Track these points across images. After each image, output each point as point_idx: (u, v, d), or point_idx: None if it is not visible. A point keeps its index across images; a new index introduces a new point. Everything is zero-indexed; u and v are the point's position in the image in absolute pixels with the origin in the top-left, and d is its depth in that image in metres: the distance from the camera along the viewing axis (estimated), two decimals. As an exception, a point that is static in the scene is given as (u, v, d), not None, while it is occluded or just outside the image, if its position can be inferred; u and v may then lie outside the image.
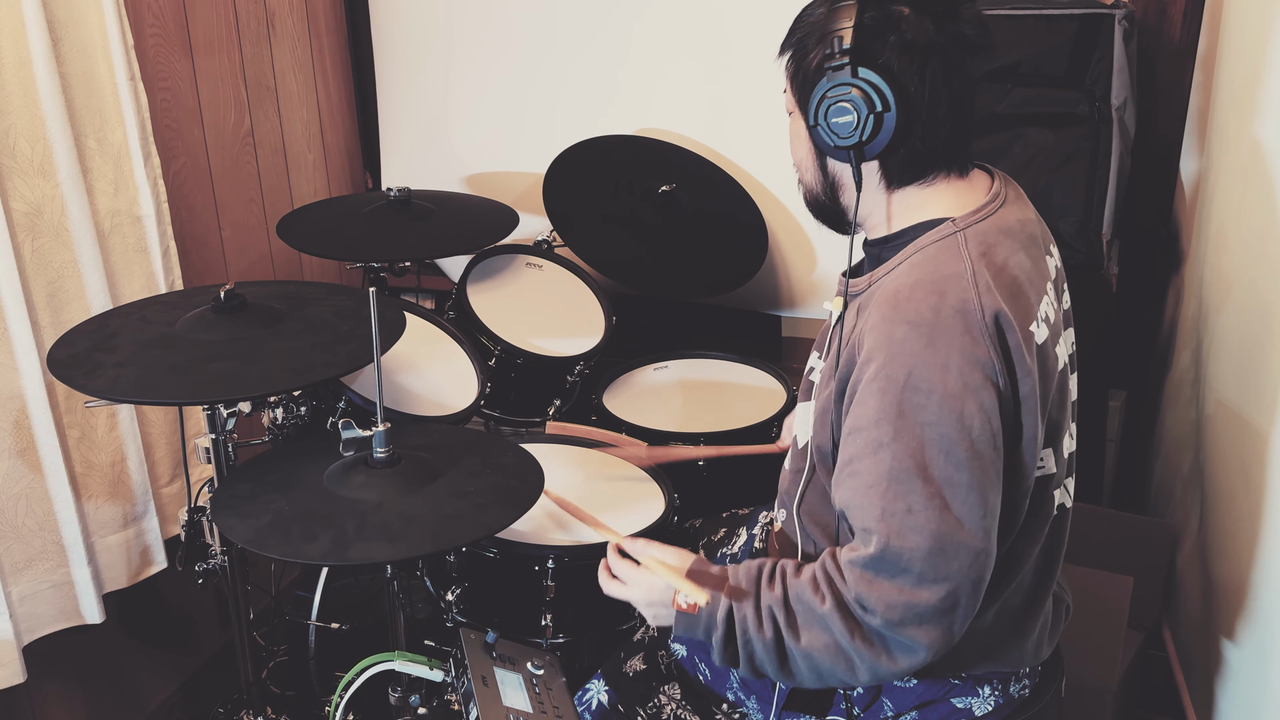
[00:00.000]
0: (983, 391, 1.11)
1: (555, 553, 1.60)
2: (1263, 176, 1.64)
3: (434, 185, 2.48)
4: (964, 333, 1.12)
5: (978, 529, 1.11)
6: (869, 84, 1.15)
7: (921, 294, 1.15)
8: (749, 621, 1.19)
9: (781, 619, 1.18)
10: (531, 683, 1.41)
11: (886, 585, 1.12)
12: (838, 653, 1.15)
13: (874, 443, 1.13)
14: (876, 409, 1.13)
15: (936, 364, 1.11)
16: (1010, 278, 1.17)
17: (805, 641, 1.16)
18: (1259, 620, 1.58)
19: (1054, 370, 1.21)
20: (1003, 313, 1.13)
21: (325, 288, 1.74)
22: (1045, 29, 2.10)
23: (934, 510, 1.10)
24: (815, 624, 1.16)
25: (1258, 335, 1.61)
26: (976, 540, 1.11)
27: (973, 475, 1.11)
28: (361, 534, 1.30)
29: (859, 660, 1.14)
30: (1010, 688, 1.34)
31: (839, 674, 1.16)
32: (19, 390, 1.68)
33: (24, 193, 1.67)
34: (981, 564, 1.12)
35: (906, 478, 1.11)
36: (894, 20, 1.16)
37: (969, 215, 1.21)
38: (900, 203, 1.25)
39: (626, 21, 2.36)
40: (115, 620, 1.95)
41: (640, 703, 1.46)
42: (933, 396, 1.11)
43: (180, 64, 2.06)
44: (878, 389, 1.13)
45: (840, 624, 1.14)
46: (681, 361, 2.21)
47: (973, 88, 1.21)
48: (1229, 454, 1.74)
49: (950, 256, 1.17)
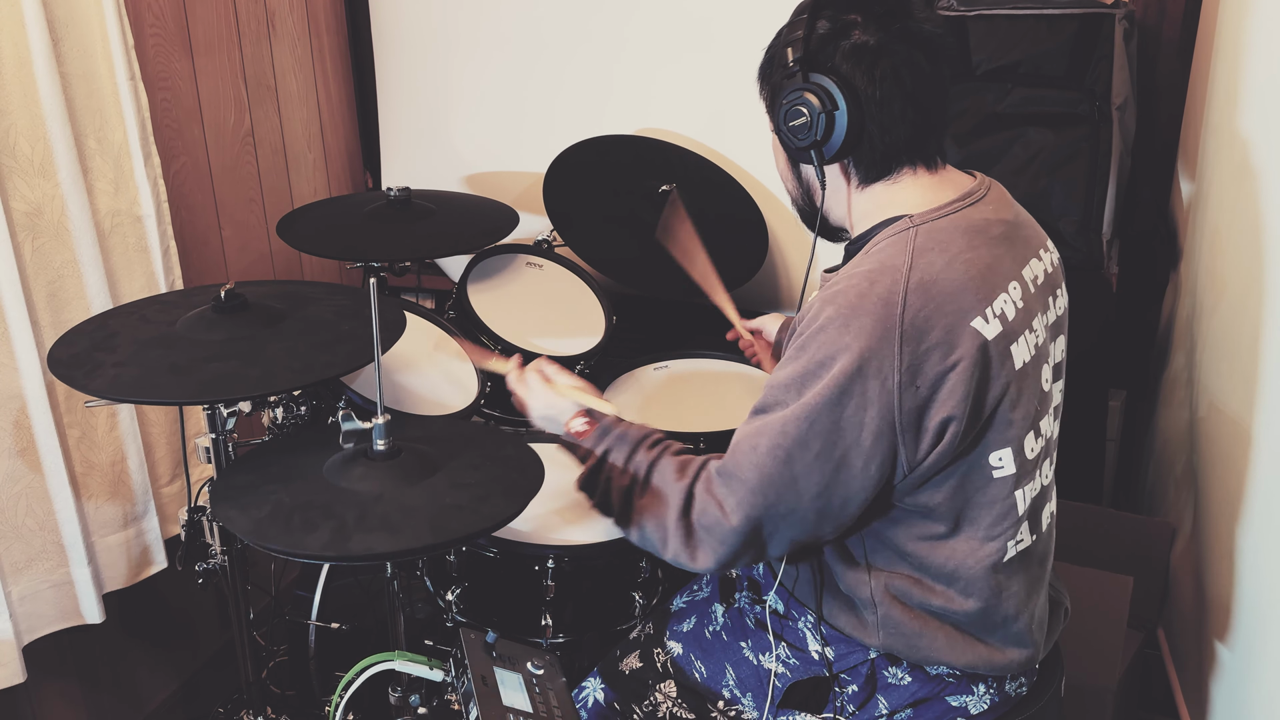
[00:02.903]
0: (872, 381, 1.16)
1: (555, 553, 1.60)
2: (1256, 178, 1.64)
3: (434, 185, 2.48)
4: (876, 323, 1.17)
5: (807, 490, 1.20)
6: (819, 86, 1.24)
7: (855, 281, 1.21)
8: (615, 467, 1.34)
9: (641, 477, 1.32)
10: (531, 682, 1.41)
11: (719, 493, 1.24)
12: (659, 524, 1.29)
13: (775, 400, 1.23)
14: (788, 375, 1.22)
15: (842, 345, 1.17)
16: (956, 274, 1.20)
17: (643, 503, 1.31)
18: (1250, 620, 1.58)
19: (1003, 368, 1.21)
20: (924, 312, 1.17)
21: (325, 287, 1.74)
22: (1045, 29, 2.10)
23: (774, 458, 1.20)
24: (660, 495, 1.29)
25: (1251, 336, 1.61)
26: (803, 503, 1.20)
27: (826, 449, 1.18)
28: (362, 525, 1.30)
29: (671, 539, 1.28)
30: (1006, 686, 1.34)
31: (652, 541, 1.31)
32: (19, 390, 1.68)
33: (24, 192, 1.67)
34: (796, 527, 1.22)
35: (770, 428, 1.21)
36: (844, 27, 1.24)
37: (928, 212, 1.25)
38: (870, 200, 1.30)
39: (627, 21, 2.36)
40: (115, 620, 1.95)
41: (636, 700, 1.47)
42: (824, 374, 1.18)
43: (180, 64, 2.06)
44: (790, 358, 1.23)
45: (679, 502, 1.27)
46: (681, 361, 2.21)
47: (934, 86, 1.25)
48: (1222, 455, 1.74)
49: (895, 250, 1.22)
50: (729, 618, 1.47)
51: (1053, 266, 1.34)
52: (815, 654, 1.36)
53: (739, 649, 1.43)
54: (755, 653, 1.41)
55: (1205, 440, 1.84)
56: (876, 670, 1.33)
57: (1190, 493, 1.96)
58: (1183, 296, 2.16)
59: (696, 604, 1.54)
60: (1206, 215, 1.95)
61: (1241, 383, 1.66)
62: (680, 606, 1.55)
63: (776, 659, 1.39)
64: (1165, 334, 2.35)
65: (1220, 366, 1.79)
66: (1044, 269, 1.31)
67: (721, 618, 1.48)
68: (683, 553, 1.27)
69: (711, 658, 1.45)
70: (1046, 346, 1.29)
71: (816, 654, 1.36)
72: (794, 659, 1.38)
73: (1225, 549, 1.69)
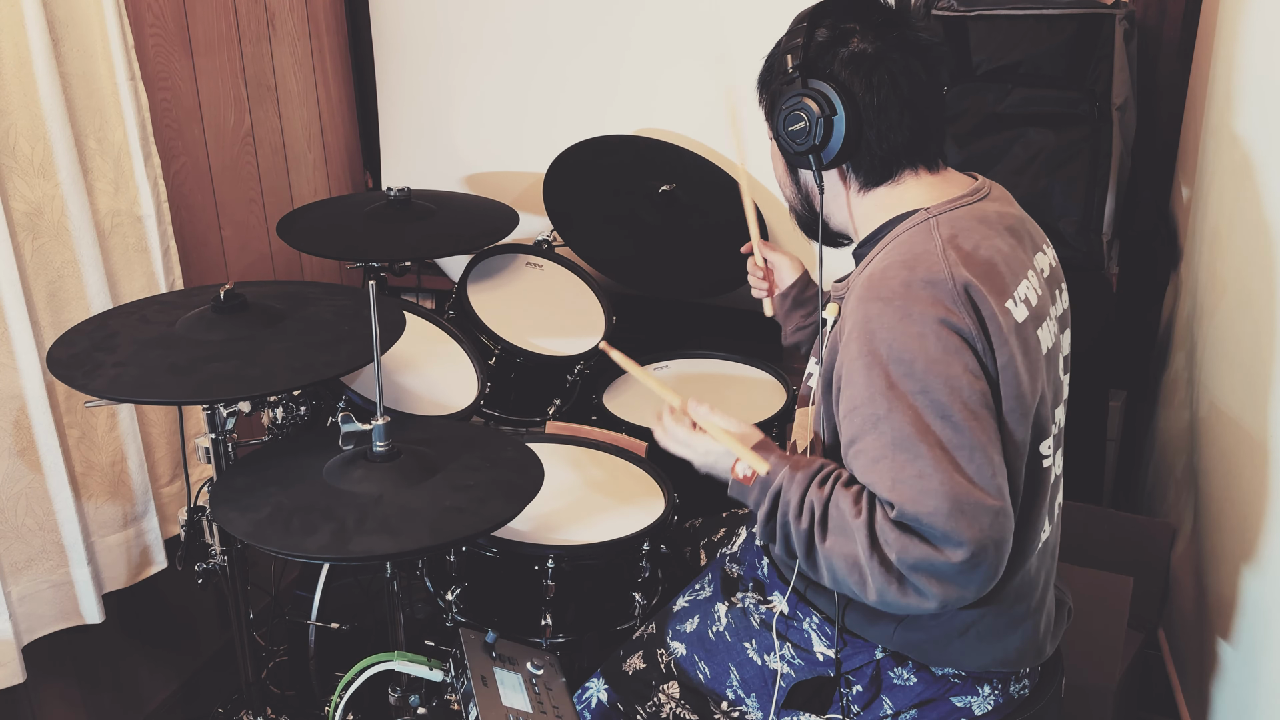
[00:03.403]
0: (963, 353, 1.15)
1: (555, 553, 1.60)
2: (1256, 178, 1.64)
3: (434, 185, 2.48)
4: (935, 301, 1.16)
5: (990, 486, 1.13)
6: (817, 92, 1.25)
7: (893, 272, 1.20)
8: (791, 506, 1.22)
9: (818, 515, 1.20)
10: (531, 683, 1.41)
11: (912, 540, 1.13)
12: (854, 565, 1.17)
13: (871, 418, 1.16)
14: (866, 386, 1.17)
15: (913, 334, 1.15)
16: (983, 258, 1.21)
17: (829, 544, 1.19)
18: (1251, 620, 1.58)
19: (1037, 351, 1.23)
20: (973, 284, 1.17)
21: (325, 288, 1.74)
22: (1045, 29, 2.10)
23: (944, 472, 1.12)
24: (844, 532, 1.18)
25: (1251, 337, 1.61)
26: (991, 499, 1.13)
27: (973, 435, 1.14)
28: (362, 527, 1.30)
29: (871, 578, 1.15)
30: (1010, 687, 1.34)
31: (851, 585, 1.18)
32: (19, 390, 1.68)
33: (24, 193, 1.67)
34: (1001, 524, 1.14)
35: (910, 444, 1.14)
36: (842, 35, 1.26)
37: (942, 204, 1.26)
38: (874, 203, 1.31)
39: (626, 20, 2.36)
40: (115, 620, 1.95)
41: (639, 701, 1.46)
42: (916, 365, 1.15)
43: (180, 64, 2.06)
44: (863, 366, 1.17)
45: (865, 539, 1.15)
46: (681, 361, 2.21)
47: (931, 91, 1.28)
48: (1223, 455, 1.74)
49: (921, 238, 1.23)
50: (732, 618, 1.46)
51: (1055, 262, 1.36)
52: (820, 655, 1.36)
53: (743, 649, 1.43)
54: (759, 653, 1.41)
55: (1205, 440, 1.84)
56: (882, 671, 1.33)
57: (1190, 493, 1.96)
58: (1183, 296, 2.16)
59: (699, 604, 1.53)
60: (1206, 215, 1.95)
61: (1241, 383, 1.66)
62: (683, 606, 1.55)
63: (781, 659, 1.39)
64: (1165, 334, 2.35)
65: (1220, 367, 1.79)
66: (1048, 263, 1.34)
67: (724, 618, 1.48)
68: (890, 593, 1.16)
69: (715, 658, 1.45)
70: (1059, 338, 1.31)
71: (821, 655, 1.36)
72: (799, 659, 1.37)
73: (1226, 549, 1.69)
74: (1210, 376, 1.84)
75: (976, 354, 1.16)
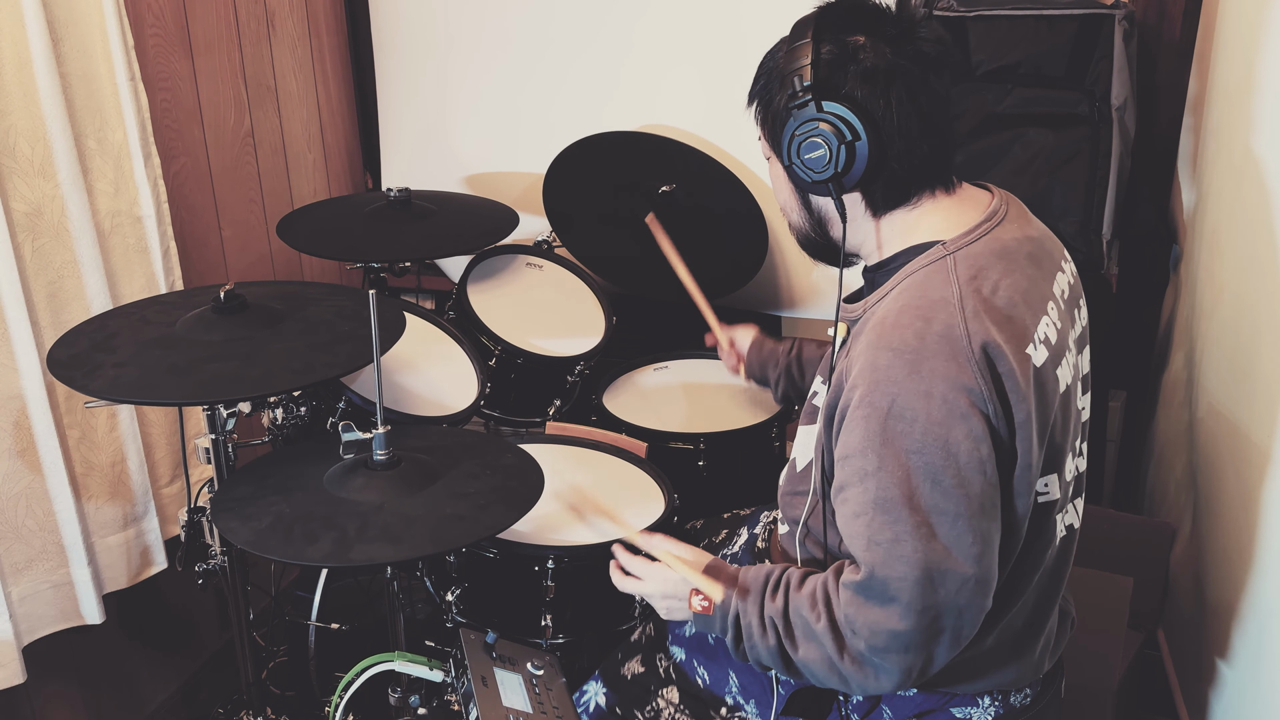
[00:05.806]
0: (970, 418, 1.10)
1: (555, 553, 1.60)
2: (1254, 180, 1.64)
3: (434, 185, 2.48)
4: (949, 359, 1.11)
5: (967, 556, 1.11)
6: (835, 116, 1.17)
7: (907, 320, 1.14)
8: (754, 628, 1.22)
9: (781, 629, 1.20)
10: (531, 683, 1.41)
11: (875, 610, 1.13)
12: (831, 667, 1.18)
13: (860, 471, 1.14)
14: (862, 437, 1.13)
15: (919, 391, 1.11)
16: (1002, 302, 1.15)
17: (802, 654, 1.19)
18: (1251, 621, 1.58)
19: (1054, 395, 1.18)
20: (991, 342, 1.12)
21: (325, 288, 1.74)
22: (1045, 29, 2.10)
23: (920, 539, 1.10)
24: (810, 639, 1.19)
25: (1249, 338, 1.61)
26: (966, 567, 1.11)
27: (960, 503, 1.10)
28: (363, 535, 1.30)
29: (850, 678, 1.17)
30: (1011, 698, 1.33)
31: (834, 684, 1.20)
32: (19, 390, 1.68)
33: (24, 193, 1.67)
34: (973, 590, 1.12)
35: (892, 507, 1.11)
36: (851, 50, 1.17)
37: (960, 237, 1.20)
38: (889, 228, 1.25)
39: (626, 20, 2.36)
40: (115, 621, 1.95)
41: (638, 705, 1.46)
42: (916, 424, 1.10)
43: (180, 64, 2.06)
44: (862, 416, 1.13)
45: (831, 643, 1.16)
46: (681, 362, 2.21)
47: (945, 104, 1.21)
48: (1221, 457, 1.74)
49: (939, 281, 1.17)
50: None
51: (1074, 278, 1.30)
52: None
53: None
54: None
55: (1205, 441, 1.84)
56: None
57: (1190, 493, 1.96)
58: (1183, 297, 2.16)
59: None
60: (1206, 216, 1.95)
61: (1241, 383, 1.66)
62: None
63: None
64: (1165, 335, 2.35)
65: (1220, 367, 1.79)
66: (1068, 281, 1.28)
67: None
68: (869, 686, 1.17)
69: (714, 663, 1.44)
70: (1077, 361, 1.26)
71: None
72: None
73: (1225, 550, 1.69)
74: (1210, 377, 1.84)
75: (987, 418, 1.11)
